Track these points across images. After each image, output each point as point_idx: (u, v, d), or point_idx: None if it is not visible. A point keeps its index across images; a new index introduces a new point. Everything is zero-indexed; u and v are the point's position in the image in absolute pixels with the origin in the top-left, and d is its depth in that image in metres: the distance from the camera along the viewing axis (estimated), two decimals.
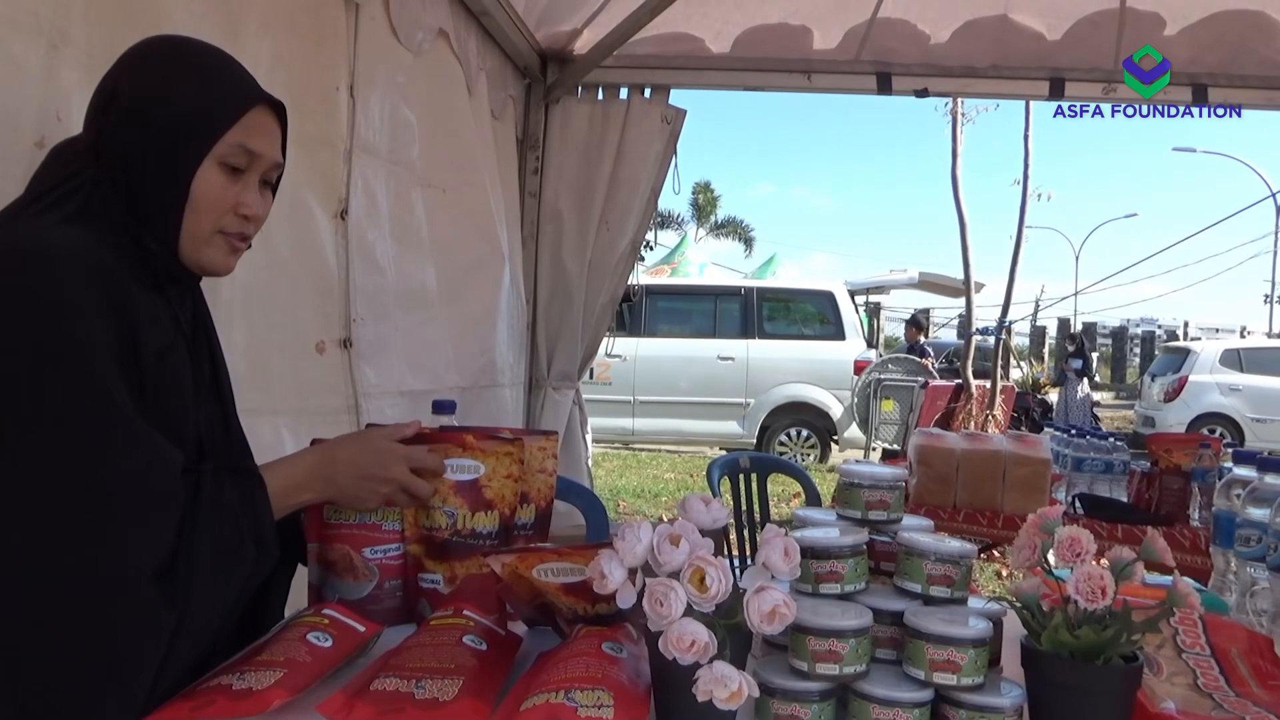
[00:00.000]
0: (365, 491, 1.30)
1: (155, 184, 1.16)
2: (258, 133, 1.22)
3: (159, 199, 1.17)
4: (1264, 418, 13.15)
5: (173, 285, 1.22)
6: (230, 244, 1.23)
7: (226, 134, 1.18)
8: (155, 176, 1.16)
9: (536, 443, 1.47)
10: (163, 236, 1.17)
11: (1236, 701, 1.16)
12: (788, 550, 1.09)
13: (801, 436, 10.65)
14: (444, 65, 3.12)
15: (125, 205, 1.16)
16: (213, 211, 1.19)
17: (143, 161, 1.16)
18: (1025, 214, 10.72)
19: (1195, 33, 3.58)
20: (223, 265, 1.24)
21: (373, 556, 1.37)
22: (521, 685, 1.08)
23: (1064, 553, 1.08)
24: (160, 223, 1.17)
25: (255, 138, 1.21)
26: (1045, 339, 28.54)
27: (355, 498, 1.31)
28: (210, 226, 1.20)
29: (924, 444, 3.12)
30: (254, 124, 1.21)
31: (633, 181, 4.00)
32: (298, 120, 2.30)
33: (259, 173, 1.24)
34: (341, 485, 1.29)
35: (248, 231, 1.24)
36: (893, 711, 1.06)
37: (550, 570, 1.23)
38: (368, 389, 2.56)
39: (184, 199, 1.17)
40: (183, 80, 1.18)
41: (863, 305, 15.59)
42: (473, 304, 3.44)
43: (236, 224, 1.22)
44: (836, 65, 3.92)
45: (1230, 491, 1.62)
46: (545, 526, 1.50)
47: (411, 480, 1.32)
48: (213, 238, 1.21)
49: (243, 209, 1.21)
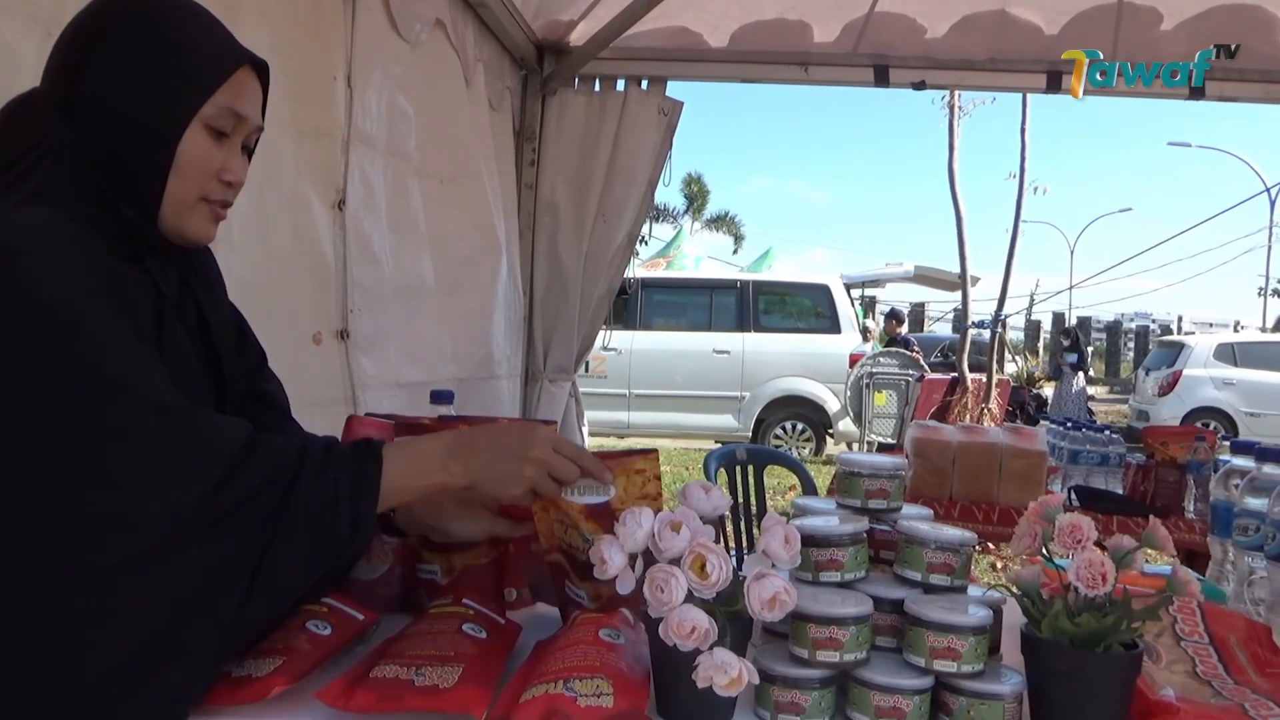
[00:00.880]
0: (509, 471, 1.15)
1: (138, 147, 1.08)
2: (244, 95, 1.14)
3: (142, 163, 1.08)
4: (1258, 412, 13.20)
5: (151, 256, 1.12)
6: (213, 211, 1.15)
7: (215, 95, 1.10)
8: (138, 139, 1.08)
9: (634, 465, 1.26)
10: (143, 204, 1.09)
11: (1235, 689, 1.17)
12: (788, 537, 1.09)
13: (797, 430, 10.67)
14: (441, 56, 3.12)
15: (101, 170, 1.07)
16: (198, 177, 1.11)
17: (126, 124, 1.07)
18: (1022, 208, 10.74)
19: (1192, 27, 3.59)
20: (205, 234, 1.16)
21: (389, 540, 1.37)
22: (520, 676, 1.08)
23: (1064, 540, 1.08)
24: (142, 189, 1.09)
25: (242, 100, 1.13)
26: (1040, 333, 28.61)
27: (498, 478, 1.15)
28: (195, 193, 1.12)
29: (920, 437, 3.12)
30: (241, 85, 1.13)
31: (629, 173, 4.00)
32: (296, 110, 2.33)
33: (242, 137, 1.16)
34: (482, 464, 1.14)
35: (230, 199, 1.16)
36: (893, 698, 1.06)
37: (578, 489, 1.21)
38: (365, 380, 2.56)
39: (169, 163, 1.09)
40: (165, 38, 1.09)
41: (858, 299, 15.62)
42: (470, 295, 3.44)
43: (220, 190, 1.14)
44: (834, 58, 3.92)
45: (1228, 481, 1.62)
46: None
47: (558, 462, 1.16)
48: (197, 205, 1.13)
49: (227, 174, 1.14)
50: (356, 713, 1.02)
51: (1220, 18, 3.53)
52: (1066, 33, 3.67)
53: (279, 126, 2.24)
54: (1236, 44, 3.45)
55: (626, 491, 1.24)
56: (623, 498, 1.23)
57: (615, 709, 1.00)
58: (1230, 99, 3.80)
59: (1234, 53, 3.46)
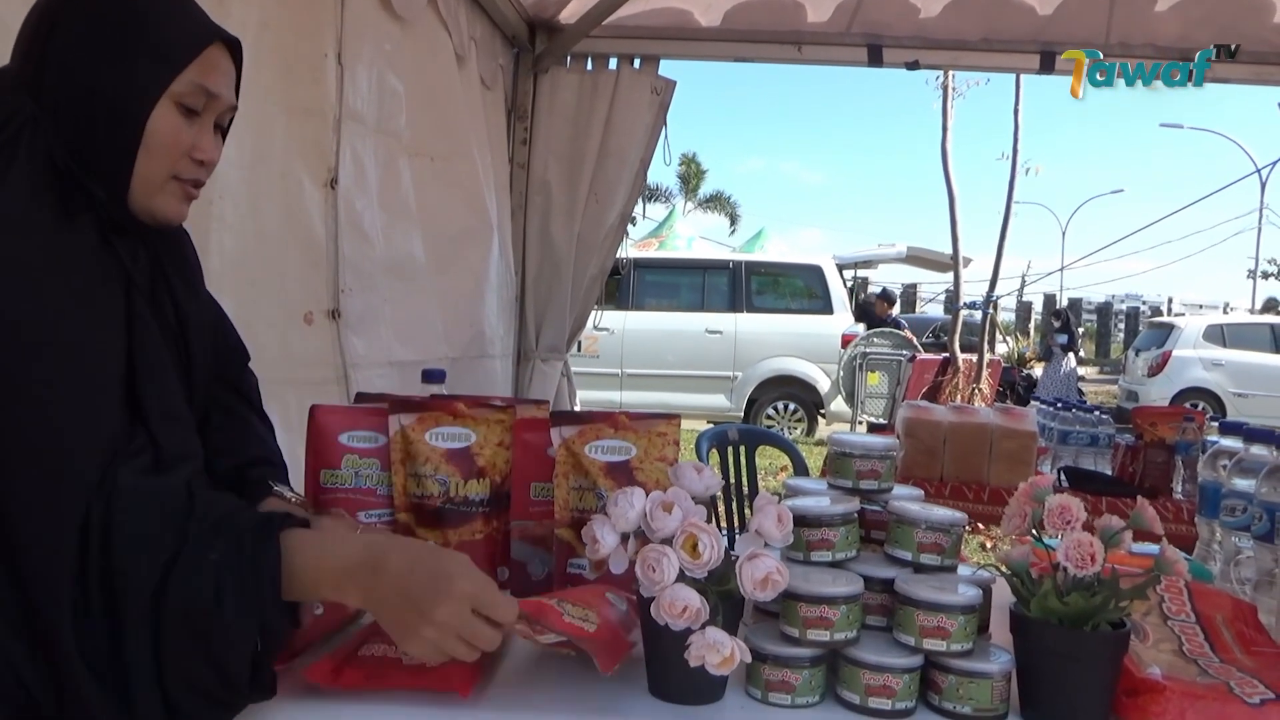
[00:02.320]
0: (407, 625, 0.98)
1: (106, 124, 1.06)
2: (215, 72, 1.11)
3: (110, 141, 1.06)
4: (1246, 392, 13.27)
5: (120, 236, 1.10)
6: (184, 190, 1.13)
7: (185, 72, 1.08)
8: (107, 116, 1.06)
9: (656, 428, 1.36)
10: (111, 182, 1.07)
11: (1221, 667, 1.18)
12: (781, 516, 1.10)
13: (789, 410, 10.69)
14: (432, 33, 3.09)
15: (68, 148, 1.05)
16: (168, 155, 1.09)
17: (93, 101, 1.05)
18: (1014, 189, 10.72)
19: (1186, 9, 3.57)
20: (175, 213, 1.13)
21: (367, 520, 1.38)
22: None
23: (1054, 520, 1.09)
24: (110, 167, 1.07)
25: (213, 77, 1.11)
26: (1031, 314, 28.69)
27: (393, 626, 1.00)
28: (164, 171, 1.09)
29: (911, 417, 3.13)
30: (212, 62, 1.11)
31: (621, 153, 3.98)
32: (287, 88, 2.31)
33: (214, 115, 1.13)
34: (380, 605, 0.99)
35: (202, 178, 1.14)
36: (883, 677, 1.07)
37: (601, 449, 1.27)
38: (356, 360, 2.55)
39: (138, 141, 1.06)
40: (135, 14, 1.08)
41: (850, 280, 15.61)
42: (461, 274, 3.43)
43: (191, 169, 1.12)
44: (827, 37, 3.89)
45: (1216, 462, 1.64)
46: None
47: (470, 626, 0.98)
48: (166, 184, 1.10)
49: (198, 153, 1.11)
50: (345, 689, 1.03)
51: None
52: (1060, 13, 3.66)
53: (271, 105, 2.23)
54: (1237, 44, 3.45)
55: (646, 452, 1.32)
56: (641, 457, 1.31)
57: (594, 635, 1.03)
58: (1222, 80, 3.79)
59: (1234, 53, 3.46)
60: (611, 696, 1.10)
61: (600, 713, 1.08)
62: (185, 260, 1.25)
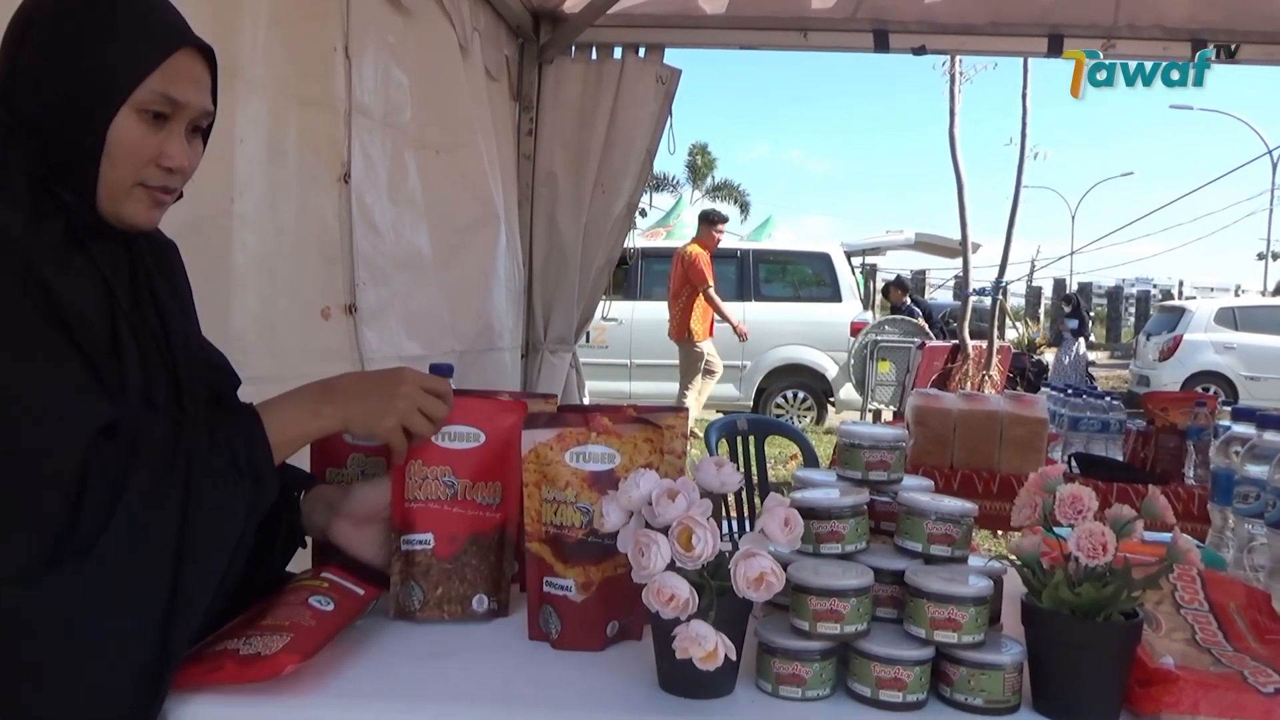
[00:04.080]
0: (378, 406, 1.19)
1: (69, 133, 1.07)
2: (182, 79, 1.11)
3: (73, 149, 1.08)
4: (1258, 375, 13.20)
5: (96, 241, 1.12)
6: (153, 197, 1.13)
7: (146, 81, 1.08)
8: (69, 125, 1.07)
9: (664, 421, 1.30)
10: (79, 189, 1.09)
11: (1234, 656, 1.17)
12: (788, 520, 1.09)
13: (798, 399, 10.67)
14: (435, 25, 3.08)
15: (39, 155, 1.07)
16: (131, 163, 1.10)
17: (56, 108, 1.07)
18: (1023, 173, 10.66)
19: None
20: (144, 219, 1.14)
21: None
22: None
23: (1065, 510, 1.08)
24: (77, 174, 1.08)
25: (179, 84, 1.11)
26: (1041, 299, 28.57)
27: (368, 414, 1.19)
28: (129, 179, 1.10)
29: (921, 405, 3.12)
30: (179, 70, 1.11)
31: (627, 143, 3.97)
32: (300, 82, 2.31)
33: (185, 121, 1.13)
34: (351, 403, 1.18)
35: (172, 184, 1.15)
36: (894, 669, 1.07)
37: (583, 455, 1.22)
38: (371, 354, 2.56)
39: (100, 149, 1.08)
40: (99, 21, 1.08)
41: (859, 267, 15.57)
42: (469, 267, 3.43)
43: (159, 176, 1.12)
44: (833, 23, 3.87)
45: (1229, 449, 1.62)
46: None
47: (426, 398, 1.21)
48: (133, 190, 1.11)
49: (165, 160, 1.12)
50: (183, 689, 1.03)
51: None
52: None
53: (285, 100, 2.23)
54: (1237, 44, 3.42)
55: (653, 444, 1.26)
56: (651, 449, 1.26)
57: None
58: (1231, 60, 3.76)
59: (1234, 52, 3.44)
60: (623, 693, 1.11)
61: (611, 708, 1.08)
62: (170, 266, 1.28)
